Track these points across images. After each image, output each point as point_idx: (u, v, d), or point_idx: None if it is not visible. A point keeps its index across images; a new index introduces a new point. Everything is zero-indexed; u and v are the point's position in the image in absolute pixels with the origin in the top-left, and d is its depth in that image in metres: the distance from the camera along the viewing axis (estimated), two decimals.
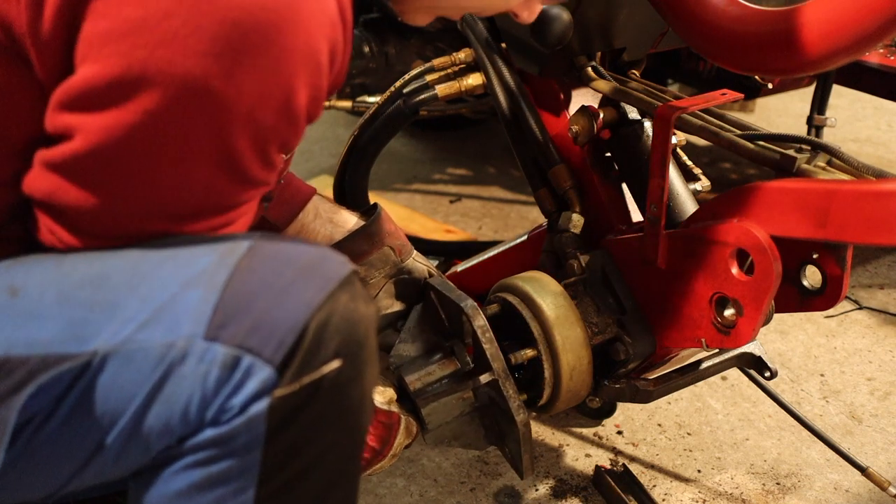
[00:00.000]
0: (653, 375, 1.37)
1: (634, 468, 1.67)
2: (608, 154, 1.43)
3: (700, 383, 1.75)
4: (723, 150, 1.50)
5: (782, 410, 1.60)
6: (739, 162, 3.15)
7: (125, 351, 0.77)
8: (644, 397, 1.34)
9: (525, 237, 1.57)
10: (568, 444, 1.74)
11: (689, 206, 1.34)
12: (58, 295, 0.80)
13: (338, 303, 0.80)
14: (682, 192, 1.36)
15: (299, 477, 0.83)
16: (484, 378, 1.22)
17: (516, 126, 1.47)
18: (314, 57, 0.82)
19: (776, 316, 1.23)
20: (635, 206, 1.41)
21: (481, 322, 1.21)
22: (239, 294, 0.78)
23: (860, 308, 2.26)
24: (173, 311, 0.78)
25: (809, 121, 2.06)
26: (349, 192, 1.75)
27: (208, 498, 0.80)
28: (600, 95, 1.40)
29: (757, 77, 2.11)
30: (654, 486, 1.64)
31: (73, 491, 0.83)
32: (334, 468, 0.86)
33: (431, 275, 1.40)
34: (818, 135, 2.05)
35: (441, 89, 1.56)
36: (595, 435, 1.77)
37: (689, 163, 1.50)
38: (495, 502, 1.60)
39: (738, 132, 1.19)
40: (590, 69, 1.40)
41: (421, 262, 1.40)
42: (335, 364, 0.80)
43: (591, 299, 1.33)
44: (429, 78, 1.58)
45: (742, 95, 1.24)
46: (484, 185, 3.01)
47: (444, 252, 2.19)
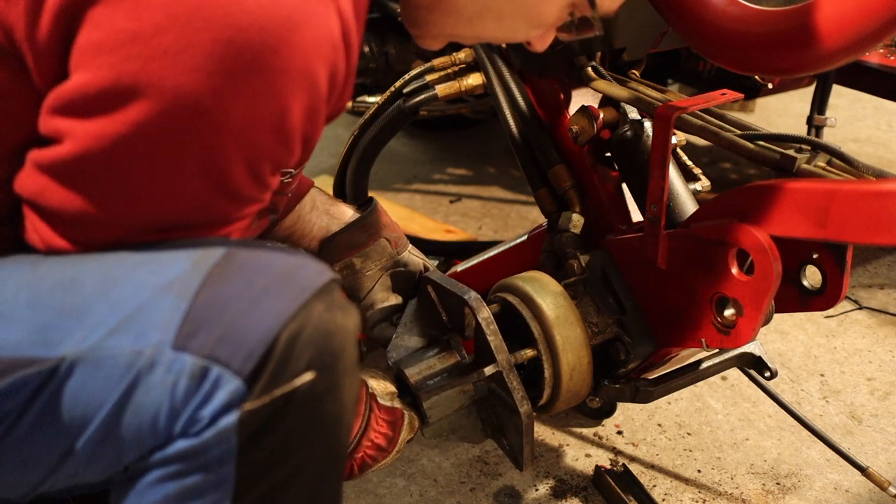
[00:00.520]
0: (653, 375, 1.38)
1: (634, 468, 1.67)
2: (608, 154, 1.43)
3: (700, 383, 1.75)
4: (723, 150, 1.50)
5: (782, 410, 1.60)
6: (739, 162, 3.15)
7: (93, 357, 0.76)
8: (644, 397, 1.34)
9: (525, 237, 1.57)
10: (568, 444, 1.74)
11: (689, 206, 1.34)
12: (30, 297, 0.79)
13: (312, 313, 0.79)
14: (682, 192, 1.36)
15: (276, 490, 0.82)
16: (488, 370, 1.21)
17: (516, 126, 1.48)
18: (311, 79, 0.81)
19: (776, 316, 1.23)
20: (635, 206, 1.41)
21: (486, 314, 1.21)
22: (209, 303, 0.77)
23: (860, 308, 2.26)
24: (143, 318, 0.77)
25: (809, 121, 2.06)
26: (349, 192, 1.75)
27: None
28: (600, 95, 1.40)
29: (757, 77, 2.11)
30: (654, 486, 1.64)
31: (48, 491, 0.83)
32: (313, 481, 0.85)
33: (427, 268, 1.40)
34: (818, 135, 2.05)
35: (441, 89, 1.56)
36: (595, 435, 1.77)
37: (689, 163, 1.50)
38: (495, 502, 1.60)
39: (738, 132, 1.19)
40: (590, 69, 1.40)
41: (416, 256, 1.40)
42: (308, 377, 0.79)
43: (591, 299, 1.33)
44: (429, 78, 1.58)
45: (742, 95, 1.24)
46: (484, 185, 3.01)
47: (444, 252, 2.19)
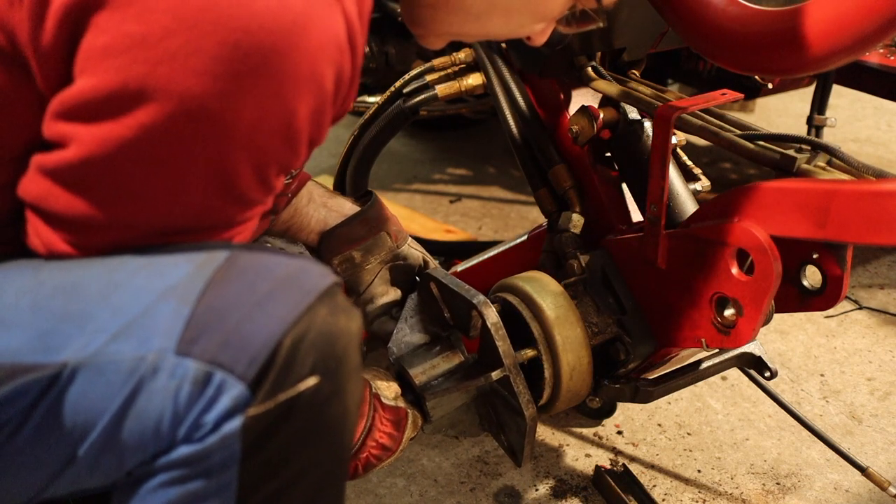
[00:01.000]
0: (653, 375, 1.38)
1: (634, 468, 1.67)
2: (608, 154, 1.43)
3: (700, 383, 1.75)
4: (723, 150, 1.50)
5: (782, 410, 1.60)
6: (739, 162, 3.15)
7: (95, 363, 0.75)
8: (644, 397, 1.34)
9: (525, 237, 1.57)
10: (568, 444, 1.74)
11: (689, 206, 1.34)
12: (32, 303, 0.79)
13: (315, 317, 0.78)
14: (682, 192, 1.36)
15: (279, 495, 0.82)
16: (496, 374, 1.22)
17: (516, 126, 1.48)
18: (317, 82, 0.81)
19: (776, 316, 1.23)
20: (635, 206, 1.41)
21: (494, 319, 1.21)
22: (212, 307, 0.76)
23: (860, 308, 2.26)
24: (145, 323, 0.76)
25: (809, 121, 2.06)
26: (349, 192, 1.75)
27: None
28: (600, 95, 1.40)
29: (757, 77, 2.11)
30: (654, 486, 1.64)
31: (50, 497, 0.82)
32: (316, 485, 0.84)
33: (426, 262, 1.39)
34: (818, 135, 2.05)
35: (441, 89, 1.56)
36: (595, 435, 1.77)
37: (689, 163, 1.50)
38: (495, 502, 1.60)
39: (738, 132, 1.19)
40: (590, 69, 1.40)
41: (416, 249, 1.40)
42: (312, 381, 0.78)
43: (591, 299, 1.33)
44: (429, 78, 1.58)
45: (742, 95, 1.24)
46: (484, 185, 3.01)
47: (444, 252, 2.19)
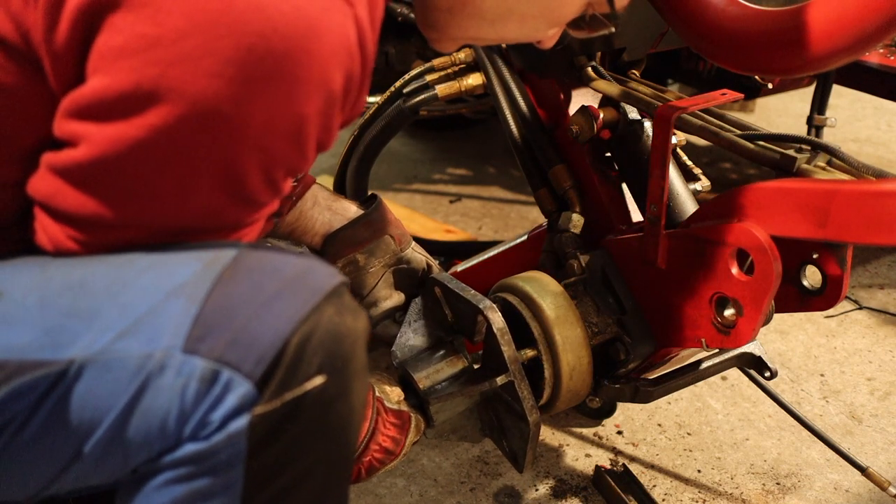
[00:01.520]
0: (653, 375, 1.38)
1: (634, 468, 1.67)
2: (608, 154, 1.43)
3: (700, 383, 1.75)
4: (723, 150, 1.50)
5: (782, 410, 1.60)
6: (739, 162, 3.15)
7: (102, 360, 0.76)
8: (644, 397, 1.34)
9: (525, 237, 1.57)
10: (568, 444, 1.74)
11: (689, 206, 1.34)
12: (39, 300, 0.79)
13: (322, 316, 0.79)
14: (682, 192, 1.36)
15: (285, 493, 0.82)
16: (500, 380, 1.22)
17: (516, 126, 1.48)
18: (328, 88, 0.81)
19: (776, 316, 1.23)
20: (635, 206, 1.41)
21: (500, 324, 1.21)
22: (220, 306, 0.76)
23: (860, 308, 2.26)
24: (153, 321, 0.76)
25: (809, 121, 2.06)
26: (349, 192, 1.75)
27: None
28: (600, 95, 1.40)
29: (757, 77, 2.11)
30: (654, 486, 1.64)
31: (55, 493, 0.83)
32: (321, 485, 0.85)
33: (430, 266, 1.39)
34: (818, 135, 2.05)
35: (441, 89, 1.56)
36: (595, 435, 1.77)
37: (689, 163, 1.50)
38: (495, 502, 1.60)
39: (738, 132, 1.19)
40: (590, 69, 1.39)
41: (419, 253, 1.40)
42: (318, 380, 0.78)
43: (591, 299, 1.33)
44: (429, 78, 1.58)
45: (742, 95, 1.24)
46: (484, 185, 3.01)
47: (444, 252, 2.19)
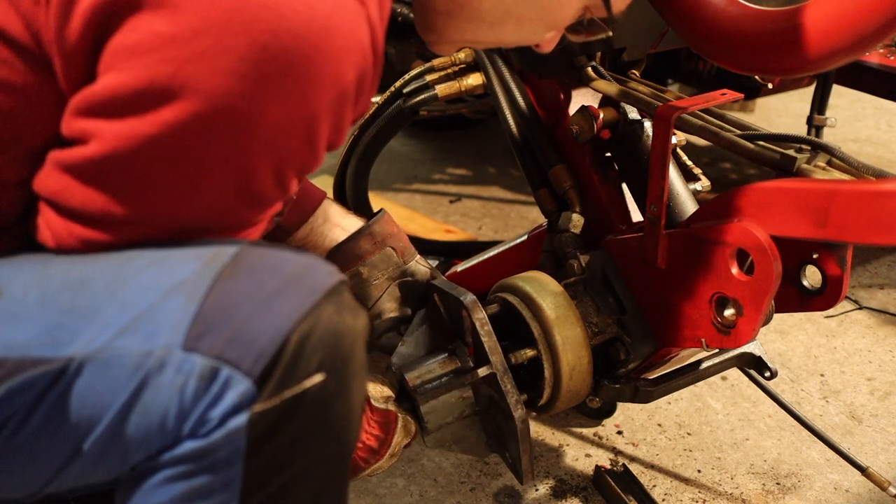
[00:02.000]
0: (653, 375, 1.38)
1: (634, 468, 1.67)
2: (608, 154, 1.43)
3: (700, 383, 1.75)
4: (723, 150, 1.50)
5: (782, 410, 1.60)
6: (739, 162, 3.15)
7: (102, 358, 0.76)
8: (644, 397, 1.34)
9: (525, 237, 1.57)
10: (568, 444, 1.74)
11: (689, 206, 1.34)
12: (40, 297, 0.79)
13: (322, 314, 0.79)
14: (682, 192, 1.36)
15: (283, 492, 0.82)
16: (482, 371, 1.21)
17: (516, 126, 1.48)
18: (341, 87, 0.81)
19: (776, 316, 1.23)
20: (635, 206, 1.41)
21: (480, 315, 1.21)
22: (219, 304, 0.77)
23: (860, 308, 2.26)
24: (152, 319, 0.76)
25: (809, 121, 2.06)
26: (349, 192, 1.75)
27: None
28: (600, 95, 1.40)
29: (757, 77, 2.11)
30: (654, 486, 1.64)
31: (55, 491, 0.83)
32: (320, 483, 0.85)
33: (434, 277, 1.39)
34: (818, 135, 2.05)
35: (441, 89, 1.56)
36: (595, 435, 1.77)
37: (689, 163, 1.50)
38: (495, 502, 1.60)
39: (738, 132, 1.19)
40: (590, 69, 1.39)
41: (423, 265, 1.39)
42: (318, 378, 0.78)
43: (591, 299, 1.33)
44: (429, 78, 1.58)
45: (742, 95, 1.24)
46: (484, 185, 3.01)
47: (444, 252, 2.19)
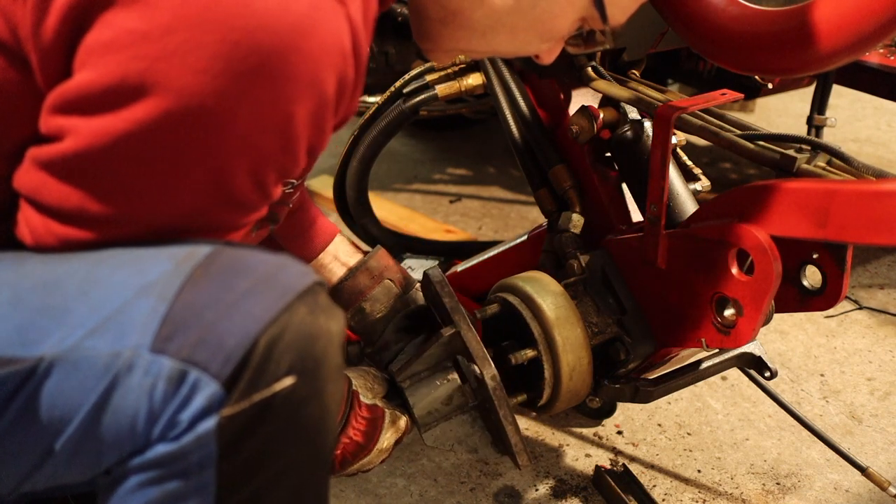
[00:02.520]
0: (653, 375, 1.38)
1: (634, 468, 1.66)
2: (608, 154, 1.43)
3: (700, 383, 1.75)
4: (723, 150, 1.50)
5: (782, 410, 1.60)
6: (739, 162, 3.15)
7: (72, 358, 0.75)
8: (644, 397, 1.34)
9: (525, 237, 1.57)
10: (568, 444, 1.74)
11: (689, 206, 1.34)
12: (11, 296, 0.78)
13: (294, 316, 0.77)
14: (682, 192, 1.36)
15: (259, 496, 0.81)
16: (445, 331, 1.20)
17: (516, 126, 1.47)
18: (318, 87, 0.80)
19: (776, 316, 1.23)
20: (635, 206, 1.41)
21: (439, 277, 1.22)
22: (189, 305, 0.76)
23: (860, 308, 2.26)
24: (122, 319, 0.76)
25: (809, 121, 2.06)
26: (349, 192, 1.75)
27: None
28: (600, 95, 1.40)
29: (757, 77, 2.11)
30: (654, 486, 1.64)
31: (30, 490, 0.82)
32: (296, 485, 0.84)
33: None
34: (818, 135, 2.05)
35: (441, 89, 1.56)
36: (595, 435, 1.77)
37: (689, 163, 1.50)
38: (495, 502, 1.60)
39: (738, 132, 1.20)
40: (590, 69, 1.39)
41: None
42: (288, 381, 0.77)
43: (591, 299, 1.33)
44: (429, 78, 1.58)
45: (742, 95, 1.24)
46: (484, 185, 3.00)
47: (445, 252, 2.19)
